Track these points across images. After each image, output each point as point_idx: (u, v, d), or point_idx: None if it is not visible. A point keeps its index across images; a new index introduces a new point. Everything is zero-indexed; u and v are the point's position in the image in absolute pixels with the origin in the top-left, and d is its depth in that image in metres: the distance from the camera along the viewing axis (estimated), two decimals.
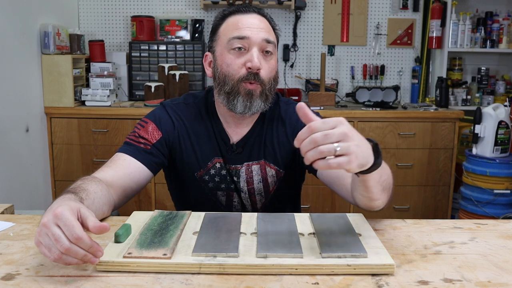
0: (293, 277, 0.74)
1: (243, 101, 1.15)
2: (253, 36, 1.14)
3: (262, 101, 1.16)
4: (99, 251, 0.72)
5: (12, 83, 2.39)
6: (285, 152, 1.25)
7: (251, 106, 1.15)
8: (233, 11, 1.19)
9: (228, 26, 1.17)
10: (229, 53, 1.15)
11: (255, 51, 1.13)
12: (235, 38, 1.14)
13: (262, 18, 1.19)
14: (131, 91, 3.07)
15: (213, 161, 1.23)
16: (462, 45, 3.16)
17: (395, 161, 2.85)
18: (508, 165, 2.61)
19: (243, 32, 1.14)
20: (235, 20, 1.17)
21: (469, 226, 0.99)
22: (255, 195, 1.27)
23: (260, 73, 1.14)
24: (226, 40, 1.16)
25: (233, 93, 1.15)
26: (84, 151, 2.79)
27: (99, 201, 0.95)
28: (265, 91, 1.16)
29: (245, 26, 1.15)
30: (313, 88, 3.25)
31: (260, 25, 1.16)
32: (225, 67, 1.16)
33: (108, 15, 3.30)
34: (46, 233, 0.71)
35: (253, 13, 1.18)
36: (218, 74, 1.18)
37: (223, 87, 1.16)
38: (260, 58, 1.14)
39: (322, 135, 0.72)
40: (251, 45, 1.14)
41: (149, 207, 2.82)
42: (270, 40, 1.16)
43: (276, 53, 1.20)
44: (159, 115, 1.25)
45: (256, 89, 1.14)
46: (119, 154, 1.17)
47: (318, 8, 3.31)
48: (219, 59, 1.18)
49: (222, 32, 1.18)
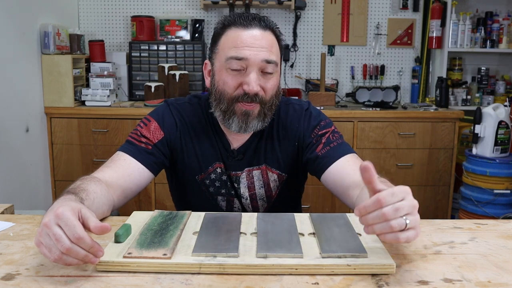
0: (293, 277, 0.74)
1: (238, 121, 1.11)
2: (252, 57, 1.07)
3: (260, 120, 1.13)
4: (100, 251, 0.72)
5: (12, 83, 2.39)
6: (287, 155, 1.23)
7: (246, 127, 1.12)
8: (233, 23, 1.11)
9: (227, 42, 1.10)
10: (226, 72, 1.10)
11: (253, 74, 1.08)
12: (232, 58, 1.08)
13: (265, 31, 1.11)
14: (131, 91, 3.07)
15: (214, 165, 1.22)
16: (462, 45, 3.16)
17: (395, 161, 2.85)
18: (508, 165, 2.61)
19: (242, 53, 1.07)
20: (234, 35, 1.10)
21: (469, 226, 0.98)
22: (257, 200, 1.25)
23: (259, 93, 1.09)
24: (224, 58, 1.10)
25: (228, 112, 1.12)
26: (84, 151, 2.79)
27: (98, 201, 0.95)
28: (264, 110, 1.12)
29: (244, 45, 1.08)
30: (313, 88, 3.25)
31: (262, 43, 1.09)
32: (221, 84, 1.12)
33: (108, 15, 3.30)
34: (47, 233, 0.71)
35: (254, 28, 1.10)
36: (215, 90, 1.14)
37: (219, 105, 1.13)
38: (259, 79, 1.09)
39: (392, 209, 0.70)
40: (250, 67, 1.08)
41: (149, 207, 2.82)
42: (271, 60, 1.09)
43: (278, 70, 1.14)
44: (162, 113, 1.22)
45: (253, 109, 1.11)
46: (119, 153, 1.15)
47: (318, 8, 3.31)
48: (217, 74, 1.14)
49: (221, 46, 1.12)
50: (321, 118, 1.23)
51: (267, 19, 1.14)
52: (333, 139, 1.19)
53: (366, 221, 0.71)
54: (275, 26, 1.15)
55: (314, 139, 1.19)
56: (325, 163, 1.15)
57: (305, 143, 1.21)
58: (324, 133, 1.20)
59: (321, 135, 1.19)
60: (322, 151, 1.17)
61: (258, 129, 1.15)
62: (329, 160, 1.14)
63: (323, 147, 1.17)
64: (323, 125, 1.21)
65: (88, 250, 0.71)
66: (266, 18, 1.13)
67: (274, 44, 1.13)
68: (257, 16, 1.12)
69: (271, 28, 1.13)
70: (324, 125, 1.21)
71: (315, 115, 1.24)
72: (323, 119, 1.23)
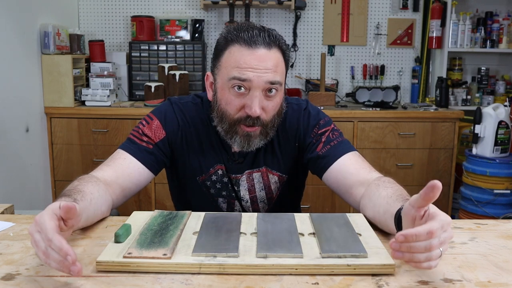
0: (293, 277, 0.74)
1: (240, 141, 1.11)
2: (256, 79, 1.04)
3: (262, 139, 1.12)
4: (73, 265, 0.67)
5: (12, 83, 2.39)
6: (288, 157, 1.23)
7: (248, 147, 1.12)
8: (237, 39, 1.06)
9: (230, 60, 1.06)
10: (229, 91, 1.07)
11: (256, 96, 1.05)
12: (235, 79, 1.05)
13: (270, 51, 1.06)
14: (131, 91, 3.07)
15: (215, 167, 1.22)
16: (462, 45, 3.16)
17: (395, 161, 2.85)
18: (508, 165, 2.61)
19: (245, 74, 1.04)
20: (238, 54, 1.05)
21: (469, 226, 0.98)
22: (258, 203, 1.25)
23: (261, 116, 1.08)
24: (226, 76, 1.07)
25: (230, 132, 1.11)
26: (84, 151, 2.79)
27: (96, 201, 0.94)
28: (266, 130, 1.11)
29: (247, 67, 1.04)
30: (313, 88, 3.25)
31: (266, 65, 1.05)
32: (223, 104, 1.10)
33: (108, 15, 3.30)
34: (32, 241, 0.73)
35: (259, 47, 1.05)
36: (217, 108, 1.12)
37: (220, 123, 1.12)
38: (261, 100, 1.06)
39: (439, 243, 0.70)
40: (253, 88, 1.05)
41: (149, 207, 2.82)
42: (275, 81, 1.06)
43: (282, 88, 1.11)
44: (165, 112, 1.21)
45: (255, 131, 1.09)
46: (120, 151, 1.15)
47: (318, 8, 3.31)
48: (219, 92, 1.11)
49: (224, 63, 1.08)
50: (320, 117, 1.22)
51: (273, 33, 1.08)
52: (333, 137, 1.18)
53: (410, 249, 0.70)
54: (281, 40, 1.10)
55: (314, 138, 1.19)
56: (326, 162, 1.15)
57: (305, 143, 1.20)
58: (324, 131, 1.19)
59: (321, 134, 1.19)
60: (322, 150, 1.16)
61: (260, 146, 1.14)
62: (330, 159, 1.14)
63: (324, 146, 1.17)
64: (322, 124, 1.21)
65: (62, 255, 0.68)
66: (272, 33, 1.08)
67: (280, 63, 1.09)
68: (262, 32, 1.06)
69: (277, 45, 1.09)
70: (323, 124, 1.21)
71: (314, 114, 1.23)
72: (322, 118, 1.23)
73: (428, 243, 0.69)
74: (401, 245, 0.70)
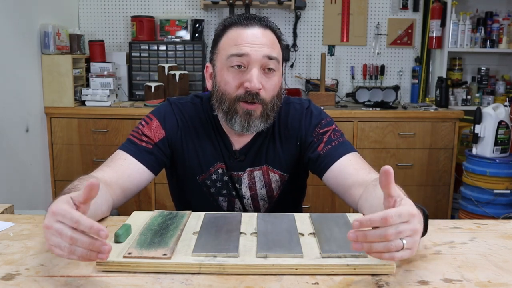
0: (293, 277, 0.74)
1: (241, 121, 1.11)
2: (253, 53, 1.07)
3: (262, 121, 1.12)
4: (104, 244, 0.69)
5: (12, 83, 2.39)
6: (289, 155, 1.23)
7: (249, 127, 1.11)
8: (234, 23, 1.11)
9: (228, 41, 1.10)
10: (227, 71, 1.10)
11: (254, 71, 1.07)
12: (233, 56, 1.08)
13: (266, 30, 1.11)
14: (131, 91, 3.07)
15: (215, 166, 1.22)
16: (462, 45, 3.16)
17: (395, 161, 2.85)
18: (508, 165, 2.61)
19: (242, 49, 1.07)
20: (235, 34, 1.10)
21: (469, 226, 0.98)
22: (259, 200, 1.25)
23: (261, 93, 1.09)
24: (225, 56, 1.10)
25: (230, 112, 1.11)
26: (84, 151, 2.79)
27: (96, 200, 0.94)
28: (266, 111, 1.12)
29: (244, 42, 1.08)
30: (313, 88, 3.25)
31: (262, 40, 1.09)
32: (223, 85, 1.11)
33: (108, 15, 3.30)
34: (52, 233, 0.70)
35: (255, 26, 1.10)
36: (217, 91, 1.13)
37: (220, 105, 1.13)
38: (260, 77, 1.08)
39: (395, 232, 0.68)
40: (251, 63, 1.08)
41: (149, 207, 2.82)
42: (272, 56, 1.09)
43: (280, 68, 1.14)
44: (164, 112, 1.22)
45: (255, 109, 1.10)
46: (120, 152, 1.15)
47: (318, 8, 3.31)
48: (218, 75, 1.13)
49: (222, 46, 1.12)
50: (322, 117, 1.23)
51: (268, 19, 1.14)
52: (334, 137, 1.19)
53: (365, 237, 0.68)
54: (275, 26, 1.15)
55: (316, 138, 1.19)
56: (327, 162, 1.15)
57: (306, 142, 1.21)
58: (325, 131, 1.20)
59: (322, 134, 1.19)
60: (323, 150, 1.17)
61: (261, 129, 1.15)
62: (331, 159, 1.14)
63: (325, 146, 1.17)
64: (324, 123, 1.22)
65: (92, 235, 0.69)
66: (267, 19, 1.13)
67: (275, 43, 1.13)
68: (257, 16, 1.13)
69: (272, 28, 1.13)
70: (325, 124, 1.21)
71: (316, 114, 1.23)
72: (324, 118, 1.23)
73: (383, 231, 0.67)
74: (357, 234, 0.68)
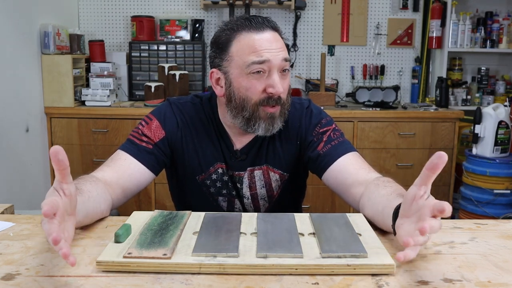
0: (293, 277, 0.74)
1: (265, 125, 1.12)
2: (273, 58, 1.08)
3: (281, 121, 1.14)
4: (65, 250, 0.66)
5: (12, 83, 2.39)
6: (289, 155, 1.23)
7: (273, 129, 1.13)
8: (243, 27, 1.10)
9: (243, 47, 1.09)
10: (247, 77, 1.09)
11: (276, 76, 1.08)
12: (255, 63, 1.07)
13: (275, 33, 1.12)
14: (131, 91, 3.07)
15: (215, 166, 1.22)
16: (462, 45, 3.16)
17: (395, 161, 2.85)
18: (508, 165, 2.61)
19: (263, 56, 1.07)
20: (249, 40, 1.08)
21: (469, 226, 0.98)
22: (259, 200, 1.25)
23: (282, 96, 1.11)
24: (243, 64, 1.08)
25: (253, 118, 1.11)
26: (84, 151, 2.79)
27: (94, 200, 0.94)
28: (284, 110, 1.14)
29: (263, 49, 1.08)
30: (313, 88, 3.25)
31: (278, 45, 1.10)
32: (243, 91, 1.10)
33: (108, 15, 3.30)
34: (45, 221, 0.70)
35: (266, 30, 1.10)
36: (235, 98, 1.12)
37: (241, 112, 1.12)
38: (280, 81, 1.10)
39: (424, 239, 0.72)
40: (272, 68, 1.08)
41: (149, 207, 2.82)
42: (287, 58, 1.11)
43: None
44: (164, 112, 1.22)
45: (277, 111, 1.12)
46: (120, 152, 1.15)
47: (318, 8, 3.31)
48: (235, 82, 1.11)
49: (236, 53, 1.10)
50: (322, 116, 1.24)
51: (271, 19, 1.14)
52: (334, 137, 1.19)
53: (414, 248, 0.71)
54: (278, 27, 1.16)
55: (315, 137, 1.20)
56: (327, 162, 1.15)
57: (306, 141, 1.21)
58: (325, 131, 1.20)
59: (322, 133, 1.20)
60: (323, 149, 1.17)
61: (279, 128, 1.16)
62: (331, 159, 1.15)
63: (324, 145, 1.17)
64: (324, 123, 1.22)
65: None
66: (268, 19, 1.14)
67: (284, 43, 1.15)
68: (264, 19, 1.12)
69: (278, 29, 1.14)
70: (325, 123, 1.22)
71: (316, 113, 1.24)
72: (324, 117, 1.24)
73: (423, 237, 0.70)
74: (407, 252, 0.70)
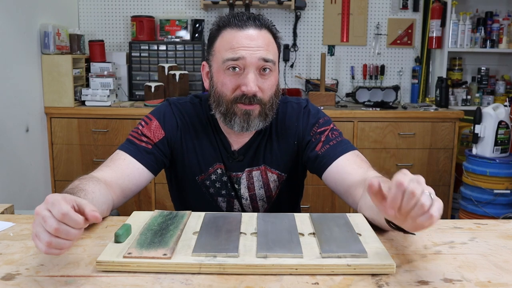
0: (293, 277, 0.74)
1: (240, 121, 1.11)
2: (249, 56, 1.06)
3: (261, 120, 1.12)
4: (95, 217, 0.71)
5: (12, 83, 2.39)
6: (287, 155, 1.23)
7: (248, 127, 1.11)
8: (229, 23, 1.10)
9: (223, 43, 1.10)
10: (224, 73, 1.09)
11: (250, 75, 1.07)
12: (229, 60, 1.07)
13: (261, 30, 1.10)
14: (131, 91, 3.07)
15: (214, 166, 1.22)
16: (462, 45, 3.16)
17: (395, 161, 2.85)
18: (508, 165, 2.61)
19: (238, 53, 1.07)
20: (230, 36, 1.09)
21: (469, 226, 0.98)
22: (257, 201, 1.25)
23: (258, 94, 1.09)
24: (220, 60, 1.09)
25: (229, 113, 1.11)
26: (84, 151, 2.79)
27: (97, 200, 0.95)
28: (265, 110, 1.12)
29: (239, 46, 1.07)
30: (313, 88, 3.25)
31: (258, 43, 1.08)
32: (219, 86, 1.11)
33: (108, 15, 3.30)
34: (38, 221, 0.70)
35: (249, 27, 1.09)
36: (214, 92, 1.14)
37: (218, 107, 1.13)
38: (257, 79, 1.08)
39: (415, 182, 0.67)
40: (247, 67, 1.07)
41: (149, 207, 2.82)
42: (268, 58, 1.08)
43: (276, 69, 1.14)
44: (164, 112, 1.22)
45: (254, 109, 1.10)
46: (119, 152, 1.15)
47: (318, 8, 3.31)
48: (215, 76, 1.13)
49: (217, 48, 1.11)
50: (319, 116, 1.23)
51: (263, 17, 1.12)
52: (333, 137, 1.18)
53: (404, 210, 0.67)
54: (271, 24, 1.14)
55: (313, 137, 1.19)
56: (326, 162, 1.14)
57: (304, 141, 1.20)
58: (323, 130, 1.19)
59: (320, 133, 1.19)
60: (322, 149, 1.16)
61: (260, 128, 1.15)
62: (329, 159, 1.14)
63: (323, 146, 1.17)
64: (321, 122, 1.21)
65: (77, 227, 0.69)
66: (261, 17, 1.12)
67: (271, 43, 1.12)
68: (252, 16, 1.11)
69: (267, 27, 1.12)
70: (323, 123, 1.21)
71: (314, 113, 1.23)
72: (322, 117, 1.23)
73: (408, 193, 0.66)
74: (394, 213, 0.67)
